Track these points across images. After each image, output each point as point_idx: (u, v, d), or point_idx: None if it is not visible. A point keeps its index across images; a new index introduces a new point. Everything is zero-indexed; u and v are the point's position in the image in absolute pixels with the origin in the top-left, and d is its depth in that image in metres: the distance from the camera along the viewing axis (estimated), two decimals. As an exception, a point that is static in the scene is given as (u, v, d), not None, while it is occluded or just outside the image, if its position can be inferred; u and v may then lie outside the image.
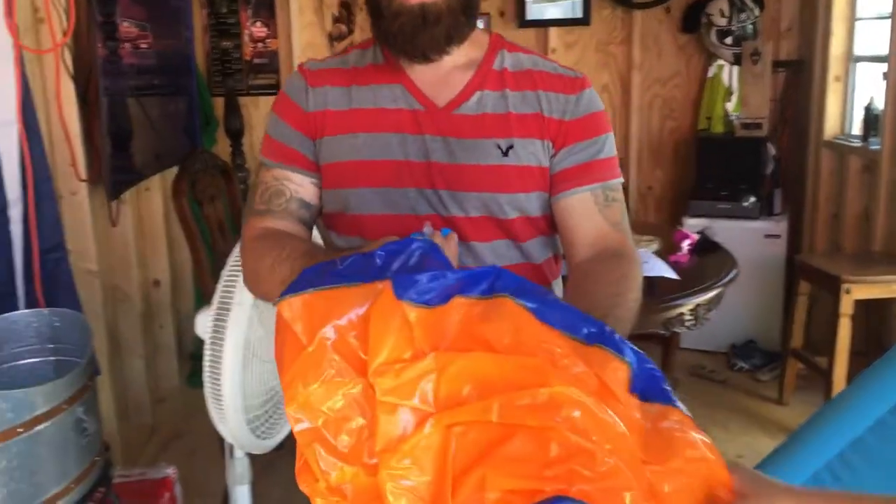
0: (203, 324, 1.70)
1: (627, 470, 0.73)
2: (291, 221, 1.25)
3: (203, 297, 3.66)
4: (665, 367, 3.45)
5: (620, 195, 1.26)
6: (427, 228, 1.10)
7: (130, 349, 3.14)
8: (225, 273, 1.64)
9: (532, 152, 1.22)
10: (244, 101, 3.92)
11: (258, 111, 4.01)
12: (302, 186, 1.25)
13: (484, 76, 1.24)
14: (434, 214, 1.21)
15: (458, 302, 0.85)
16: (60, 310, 1.86)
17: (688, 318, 2.26)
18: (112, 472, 1.81)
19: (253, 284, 1.23)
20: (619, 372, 0.81)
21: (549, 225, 1.28)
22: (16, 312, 1.83)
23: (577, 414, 0.75)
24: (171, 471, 2.44)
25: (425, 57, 1.19)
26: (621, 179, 1.27)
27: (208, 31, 3.91)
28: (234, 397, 1.62)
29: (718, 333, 3.65)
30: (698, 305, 2.27)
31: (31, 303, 2.08)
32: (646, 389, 0.83)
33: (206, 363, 1.67)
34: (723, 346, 3.72)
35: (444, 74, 1.23)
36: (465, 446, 0.75)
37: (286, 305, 0.89)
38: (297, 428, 0.82)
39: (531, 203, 1.24)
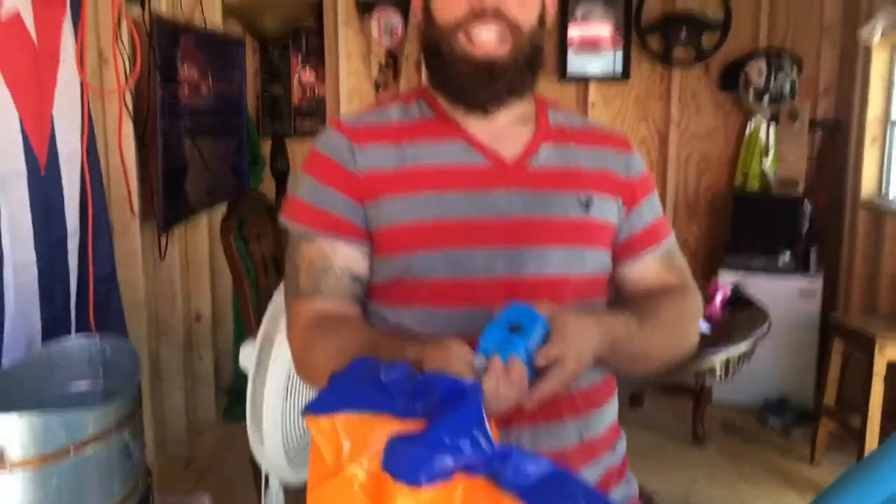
0: (247, 356, 1.78)
1: None
2: (343, 301, 1.14)
3: (243, 333, 3.75)
4: (696, 421, 3.46)
5: (677, 247, 1.29)
6: (479, 360, 0.92)
7: (171, 381, 3.23)
8: (269, 309, 1.73)
9: (608, 209, 1.20)
10: (290, 142, 4.05)
11: (303, 153, 4.13)
12: (352, 259, 1.14)
13: (546, 131, 1.20)
14: (507, 276, 1.11)
15: (460, 480, 0.81)
16: (111, 337, 1.95)
17: (719, 371, 2.28)
18: (152, 497, 1.87)
19: (304, 372, 1.17)
20: None
21: (606, 286, 1.25)
22: (69, 337, 1.94)
23: None
24: (207, 500, 2.51)
25: (484, 110, 1.15)
26: (673, 233, 1.30)
27: (259, 75, 4.07)
28: (273, 426, 1.68)
29: (751, 389, 3.64)
30: (729, 359, 2.29)
31: (83, 329, 2.18)
32: None
33: (249, 393, 1.74)
34: (755, 402, 3.70)
35: (503, 128, 1.17)
36: None
37: (313, 423, 0.85)
38: None
39: (607, 261, 1.22)
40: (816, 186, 3.91)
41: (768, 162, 3.87)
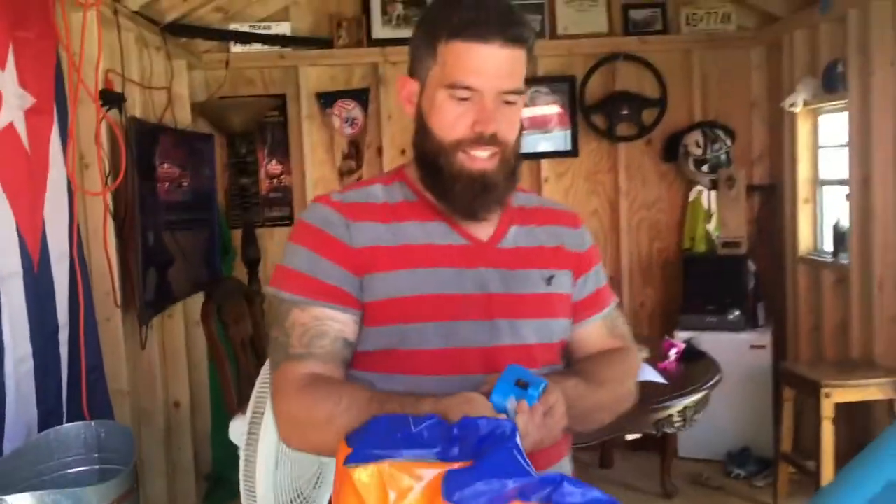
0: (237, 429, 1.90)
1: None
2: (335, 365, 1.20)
3: (221, 419, 3.84)
4: (664, 476, 3.60)
5: (619, 311, 1.45)
6: (511, 403, 1.05)
7: (152, 468, 3.29)
8: (257, 383, 1.86)
9: (564, 282, 1.33)
10: (260, 231, 4.22)
11: (273, 241, 4.30)
12: (346, 326, 1.21)
13: (511, 213, 1.33)
14: (487, 346, 1.23)
15: None
16: (106, 421, 2.07)
17: (676, 419, 2.46)
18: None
19: (299, 434, 1.20)
20: None
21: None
22: (66, 425, 2.05)
23: None
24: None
25: (476, 217, 1.26)
26: (617, 299, 1.46)
27: (228, 169, 4.26)
28: (266, 494, 1.80)
29: (714, 441, 3.81)
30: (686, 407, 2.47)
31: (74, 416, 2.28)
32: None
33: (242, 464, 1.85)
34: (719, 454, 3.86)
35: None
36: None
37: (357, 473, 0.91)
38: None
39: (568, 328, 1.35)
40: (758, 246, 4.18)
41: (712, 226, 4.13)
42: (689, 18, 4.23)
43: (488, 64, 1.18)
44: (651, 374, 2.52)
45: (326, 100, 4.25)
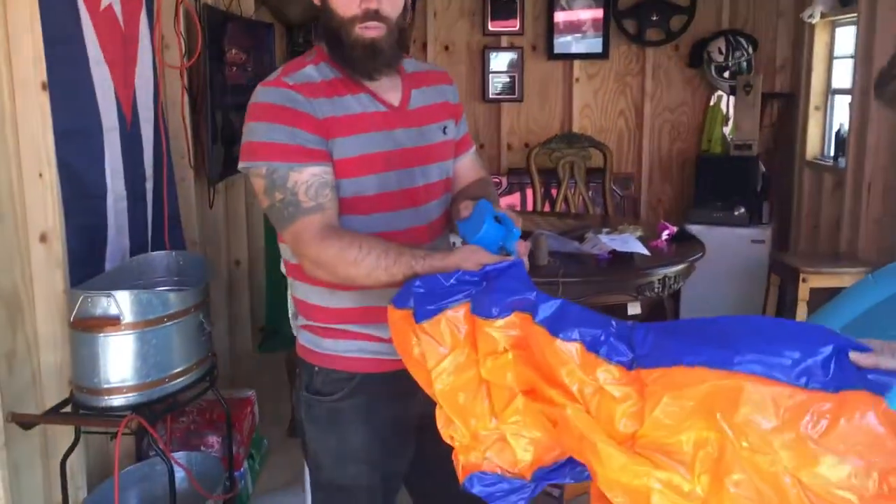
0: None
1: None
2: (336, 212, 1.46)
3: (275, 277, 4.36)
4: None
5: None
6: (521, 247, 1.39)
7: (217, 315, 3.84)
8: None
9: (451, 129, 1.66)
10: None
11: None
12: (332, 177, 1.47)
13: (408, 80, 1.62)
14: (412, 188, 1.55)
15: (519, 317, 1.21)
16: (183, 251, 2.57)
17: (657, 286, 2.87)
18: (216, 371, 2.49)
19: (328, 272, 1.42)
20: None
21: None
22: (153, 252, 2.56)
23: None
24: (251, 393, 3.14)
25: (373, 78, 1.54)
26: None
27: (286, 57, 4.67)
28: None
29: (711, 325, 4.24)
30: (666, 276, 2.88)
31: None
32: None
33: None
34: (715, 336, 4.29)
35: (385, 81, 1.57)
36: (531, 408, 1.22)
37: (425, 327, 1.25)
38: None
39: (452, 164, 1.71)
40: (772, 150, 4.48)
41: (728, 129, 4.44)
42: (724, -72, 4.42)
43: None
44: (636, 247, 2.92)
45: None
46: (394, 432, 1.61)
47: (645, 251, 2.92)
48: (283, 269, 1.75)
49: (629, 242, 2.93)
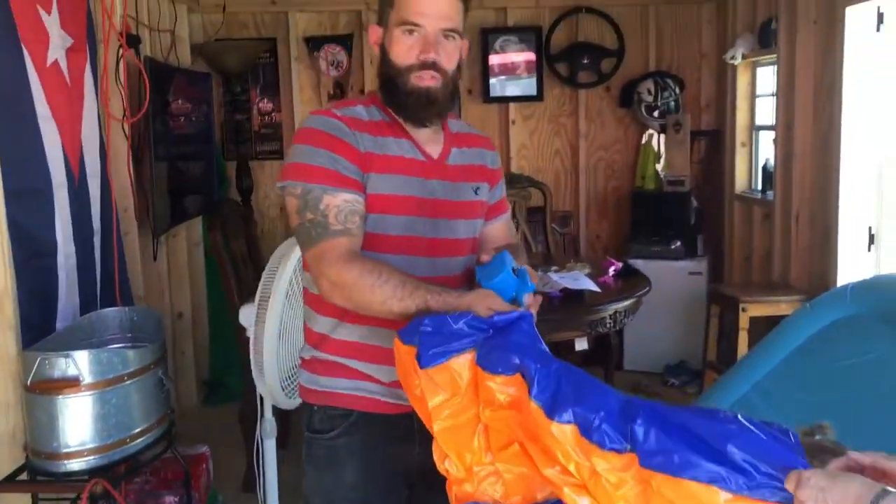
0: (247, 315, 2.36)
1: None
2: (362, 238, 1.50)
3: (217, 329, 4.30)
4: (607, 383, 4.13)
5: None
6: (527, 298, 1.39)
7: (160, 367, 3.76)
8: (264, 274, 2.32)
9: (484, 192, 1.70)
10: (252, 164, 4.64)
11: (264, 172, 4.74)
12: (363, 208, 1.50)
13: (451, 137, 1.67)
14: (435, 238, 1.58)
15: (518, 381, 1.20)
16: (137, 307, 2.53)
17: (608, 321, 2.95)
18: (175, 428, 2.43)
19: (343, 295, 1.45)
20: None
21: None
22: (106, 309, 2.50)
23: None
24: (205, 449, 3.07)
25: (424, 126, 1.59)
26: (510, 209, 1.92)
27: (223, 107, 4.66)
28: (272, 364, 2.27)
29: (654, 356, 4.37)
30: (616, 311, 2.96)
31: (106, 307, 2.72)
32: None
33: (252, 342, 2.31)
34: (658, 367, 4.41)
35: (429, 134, 1.62)
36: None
37: (432, 372, 1.26)
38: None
39: (481, 226, 1.73)
40: (702, 185, 4.67)
41: (661, 166, 4.60)
42: (647, -25, 4.63)
43: (431, 7, 1.52)
44: (587, 284, 3.00)
45: (314, 44, 4.65)
46: (389, 475, 1.61)
47: (595, 288, 3.00)
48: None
49: (580, 280, 3.01)
